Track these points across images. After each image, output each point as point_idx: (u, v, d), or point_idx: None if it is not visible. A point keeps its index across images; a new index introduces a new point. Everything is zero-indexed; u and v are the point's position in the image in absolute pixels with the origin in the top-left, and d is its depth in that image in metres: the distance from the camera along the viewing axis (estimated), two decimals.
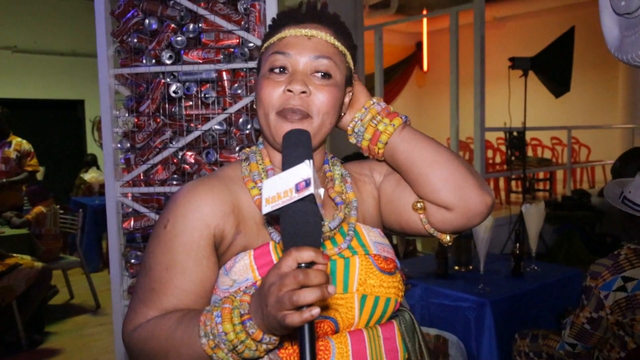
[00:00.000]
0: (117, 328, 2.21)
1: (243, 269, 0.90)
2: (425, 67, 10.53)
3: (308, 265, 0.71)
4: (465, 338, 2.45)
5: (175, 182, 2.12)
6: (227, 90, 2.07)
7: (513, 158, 6.80)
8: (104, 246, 5.81)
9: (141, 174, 2.16)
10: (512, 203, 6.70)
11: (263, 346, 0.80)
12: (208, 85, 2.09)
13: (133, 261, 2.17)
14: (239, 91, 2.06)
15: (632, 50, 1.04)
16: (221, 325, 0.79)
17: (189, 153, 2.10)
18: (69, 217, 4.88)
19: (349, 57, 1.02)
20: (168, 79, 2.09)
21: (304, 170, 0.76)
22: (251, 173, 0.99)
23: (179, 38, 2.06)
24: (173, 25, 2.08)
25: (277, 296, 0.71)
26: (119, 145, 2.18)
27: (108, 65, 2.17)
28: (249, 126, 2.06)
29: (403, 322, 1.01)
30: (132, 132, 2.15)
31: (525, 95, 4.94)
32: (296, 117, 0.93)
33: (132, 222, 2.15)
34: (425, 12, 7.95)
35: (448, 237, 1.04)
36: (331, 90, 0.95)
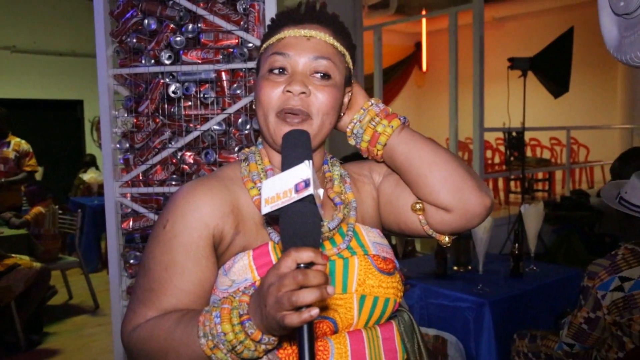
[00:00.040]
0: (116, 328, 2.21)
1: (242, 269, 0.90)
2: (424, 68, 10.52)
3: (307, 265, 0.71)
4: (464, 338, 2.45)
5: (174, 183, 2.12)
6: (226, 90, 2.07)
7: (512, 158, 6.81)
8: (103, 246, 5.81)
9: (140, 174, 2.16)
10: (511, 203, 6.70)
11: (262, 346, 0.80)
12: (207, 85, 2.09)
13: (132, 261, 2.17)
14: (238, 91, 2.06)
15: (631, 50, 1.04)
16: (220, 325, 0.79)
17: (188, 153, 2.10)
18: (68, 218, 4.87)
19: (348, 57, 1.02)
20: (167, 79, 2.09)
21: (304, 170, 0.76)
22: (250, 173, 0.99)
23: (178, 38, 2.06)
24: (172, 25, 2.08)
25: (276, 297, 0.71)
26: (118, 145, 2.18)
27: (107, 65, 2.17)
28: (248, 126, 2.06)
29: (402, 323, 1.01)
30: (131, 133, 2.15)
31: (524, 95, 4.94)
32: (296, 121, 0.93)
33: (131, 223, 2.15)
34: (424, 13, 7.95)
35: (447, 238, 1.04)
36: (331, 90, 0.95)
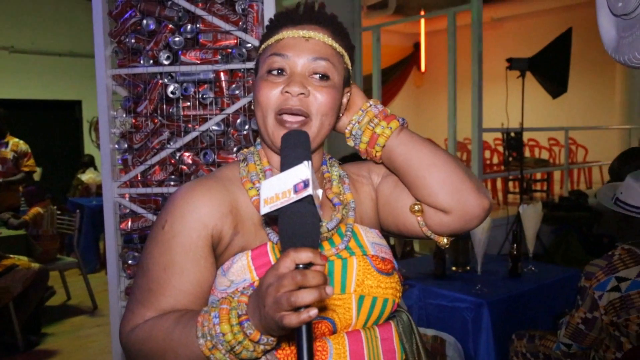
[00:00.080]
0: (115, 329, 2.20)
1: (241, 270, 0.90)
2: (423, 68, 10.52)
3: (306, 266, 0.72)
4: (462, 339, 2.45)
5: (172, 183, 2.12)
6: (225, 90, 2.07)
7: (510, 159, 6.82)
8: (102, 247, 5.80)
9: (139, 175, 2.16)
10: (510, 204, 6.71)
11: (260, 347, 0.80)
12: (206, 85, 2.09)
13: (130, 262, 2.17)
14: (237, 92, 2.06)
15: (629, 51, 1.04)
16: (219, 326, 0.79)
17: (187, 154, 2.10)
18: (66, 218, 4.87)
19: (347, 58, 1.02)
20: (166, 80, 2.09)
21: (303, 171, 0.76)
22: (249, 174, 0.99)
23: (177, 38, 2.06)
24: (171, 25, 2.08)
25: (275, 297, 0.71)
26: (117, 145, 2.18)
27: (106, 65, 2.17)
28: (247, 127, 2.06)
29: (401, 323, 1.01)
30: (130, 133, 2.15)
31: (522, 96, 4.95)
32: (295, 125, 0.93)
33: (130, 223, 2.15)
34: (423, 13, 7.95)
35: (445, 240, 1.04)
36: (329, 91, 0.95)
